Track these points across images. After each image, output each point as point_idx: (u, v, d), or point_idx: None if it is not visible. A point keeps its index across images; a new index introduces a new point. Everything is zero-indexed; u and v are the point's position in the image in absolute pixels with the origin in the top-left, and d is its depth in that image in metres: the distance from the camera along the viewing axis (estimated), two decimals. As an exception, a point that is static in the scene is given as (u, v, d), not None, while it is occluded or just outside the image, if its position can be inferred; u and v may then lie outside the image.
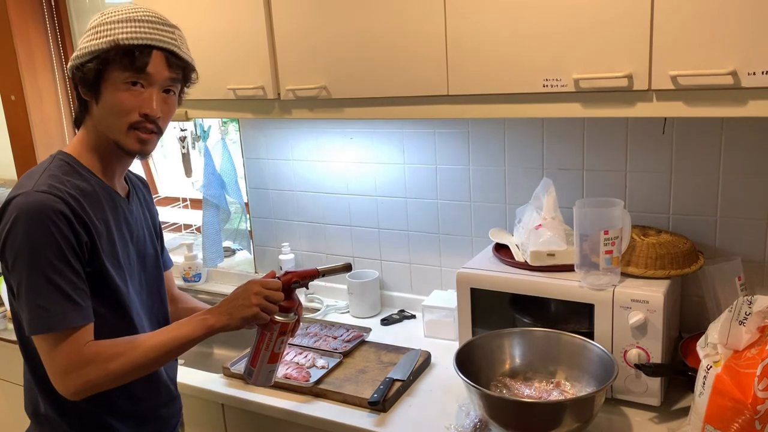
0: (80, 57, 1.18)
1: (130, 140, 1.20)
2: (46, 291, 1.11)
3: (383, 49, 1.52)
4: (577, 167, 1.74)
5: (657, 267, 1.45)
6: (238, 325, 1.25)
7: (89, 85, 1.19)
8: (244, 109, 1.80)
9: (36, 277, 1.11)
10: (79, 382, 1.13)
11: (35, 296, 1.11)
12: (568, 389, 1.44)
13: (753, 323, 1.19)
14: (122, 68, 1.16)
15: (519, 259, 1.61)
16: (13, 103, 2.83)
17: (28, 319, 1.13)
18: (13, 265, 1.13)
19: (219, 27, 1.74)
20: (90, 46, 1.17)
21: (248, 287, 1.27)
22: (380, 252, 2.13)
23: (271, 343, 1.34)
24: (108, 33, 1.16)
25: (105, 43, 1.16)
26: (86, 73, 1.17)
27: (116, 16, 1.18)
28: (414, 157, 1.98)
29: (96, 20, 1.20)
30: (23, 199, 1.13)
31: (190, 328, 1.23)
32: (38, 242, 1.11)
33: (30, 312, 1.12)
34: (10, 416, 2.24)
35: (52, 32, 2.83)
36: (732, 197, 1.57)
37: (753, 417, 1.14)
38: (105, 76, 1.17)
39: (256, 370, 1.37)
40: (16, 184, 1.20)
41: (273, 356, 1.36)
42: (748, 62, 1.16)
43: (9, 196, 1.15)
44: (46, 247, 1.11)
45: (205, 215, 2.31)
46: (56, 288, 1.12)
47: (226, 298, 1.29)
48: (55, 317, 1.12)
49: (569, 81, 1.32)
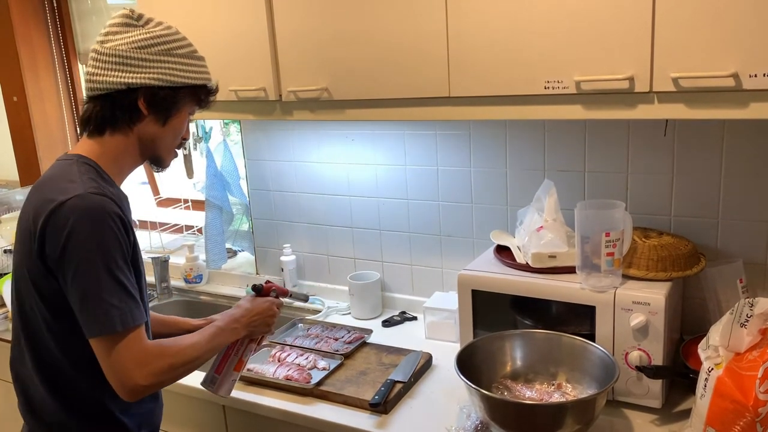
0: (157, 80, 1.23)
1: (171, 157, 1.36)
2: (116, 290, 1.15)
3: (385, 51, 1.52)
4: (578, 169, 1.74)
5: (658, 269, 1.45)
6: (247, 336, 1.42)
7: (165, 109, 1.26)
8: (246, 110, 1.80)
9: (106, 277, 1.14)
10: (149, 376, 1.16)
11: (107, 295, 1.14)
12: (570, 391, 1.44)
13: (754, 325, 1.19)
14: (195, 102, 1.32)
15: (520, 260, 1.61)
16: (15, 104, 2.84)
17: (99, 318, 1.13)
18: (77, 267, 1.13)
19: (220, 28, 1.75)
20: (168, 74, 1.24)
21: (269, 310, 1.44)
22: (381, 253, 2.13)
23: (242, 349, 1.42)
24: (194, 71, 1.28)
25: (191, 80, 1.27)
26: (165, 98, 1.25)
27: (185, 48, 1.27)
28: (415, 159, 1.98)
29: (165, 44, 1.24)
30: (79, 201, 1.15)
31: (226, 336, 1.36)
32: (104, 243, 1.14)
33: (100, 312, 1.13)
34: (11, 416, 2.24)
35: (54, 33, 2.84)
36: (733, 199, 1.57)
37: (754, 419, 1.14)
38: (180, 105, 1.29)
39: (221, 378, 1.41)
40: (49, 189, 1.19)
41: (239, 363, 1.43)
42: (750, 64, 1.16)
43: (58, 200, 1.15)
44: (110, 248, 1.15)
45: (207, 216, 2.31)
46: (123, 287, 1.16)
47: (244, 310, 1.41)
48: (126, 315, 1.15)
49: (571, 83, 1.33)
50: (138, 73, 1.22)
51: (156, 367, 1.17)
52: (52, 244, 1.15)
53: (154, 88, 1.23)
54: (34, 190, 1.26)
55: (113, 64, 1.22)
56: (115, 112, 1.24)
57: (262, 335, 1.47)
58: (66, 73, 2.90)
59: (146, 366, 1.16)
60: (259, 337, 1.46)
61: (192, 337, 1.28)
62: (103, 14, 2.67)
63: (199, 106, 1.34)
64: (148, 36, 1.23)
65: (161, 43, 1.24)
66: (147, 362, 1.16)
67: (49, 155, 2.89)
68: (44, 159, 2.88)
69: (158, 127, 1.28)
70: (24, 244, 1.23)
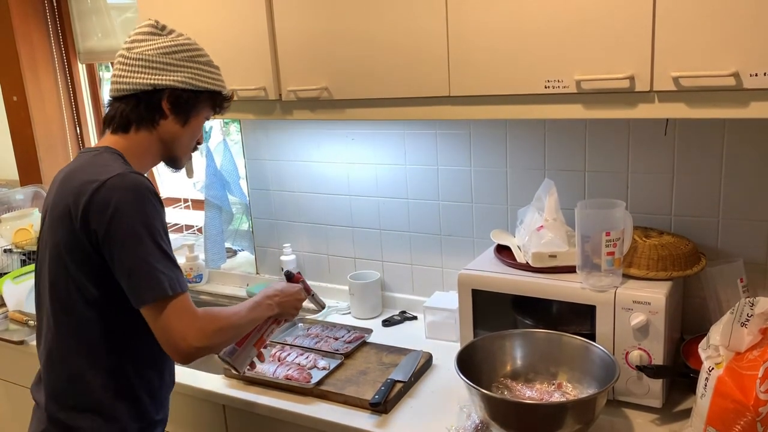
0: (181, 82, 1.33)
1: (186, 158, 1.45)
2: (162, 259, 1.22)
3: (385, 51, 1.52)
4: (578, 168, 1.74)
5: (659, 268, 1.45)
6: (276, 316, 1.49)
7: (185, 111, 1.36)
8: (246, 110, 1.80)
9: (152, 247, 1.21)
10: (202, 338, 1.22)
11: (155, 263, 1.20)
12: (570, 391, 1.44)
13: (755, 325, 1.19)
14: (212, 107, 1.43)
15: (520, 260, 1.61)
16: (15, 103, 2.84)
17: (151, 284, 1.20)
18: (124, 241, 1.20)
19: (220, 28, 1.74)
20: (191, 78, 1.34)
21: (298, 294, 1.53)
22: (381, 253, 2.12)
23: (264, 327, 1.49)
24: (213, 78, 1.39)
25: (211, 86, 1.38)
26: (187, 100, 1.35)
27: (205, 57, 1.38)
28: (415, 158, 1.98)
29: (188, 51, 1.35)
30: (120, 179, 1.22)
31: (262, 310, 1.43)
32: (149, 216, 1.22)
33: (150, 279, 1.20)
34: (10, 415, 2.24)
35: (54, 33, 2.84)
36: (734, 199, 1.57)
37: (755, 419, 1.14)
38: (199, 108, 1.39)
39: (240, 350, 1.45)
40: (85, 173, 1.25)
41: (260, 341, 1.49)
42: (750, 63, 1.16)
43: (100, 180, 1.22)
44: (155, 220, 1.23)
45: (207, 216, 2.31)
46: (168, 256, 1.24)
47: (278, 289, 1.49)
48: (174, 281, 1.22)
49: (571, 82, 1.32)
50: (163, 75, 1.32)
51: (207, 329, 1.24)
52: (98, 221, 1.20)
53: (177, 90, 1.33)
54: (65, 179, 1.31)
55: (140, 67, 1.31)
56: (140, 111, 1.33)
57: (285, 319, 1.54)
58: (66, 73, 2.90)
59: (198, 328, 1.23)
60: (282, 320, 1.53)
61: (233, 307, 1.38)
62: (103, 14, 2.67)
63: (215, 112, 1.45)
64: (172, 43, 1.34)
65: (185, 51, 1.34)
66: (198, 324, 1.23)
67: (49, 155, 2.89)
68: (44, 158, 2.88)
69: (179, 127, 1.37)
70: (61, 227, 1.27)
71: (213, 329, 1.26)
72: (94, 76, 2.92)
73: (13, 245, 2.50)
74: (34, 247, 2.51)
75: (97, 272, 1.25)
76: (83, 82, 2.92)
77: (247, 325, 1.38)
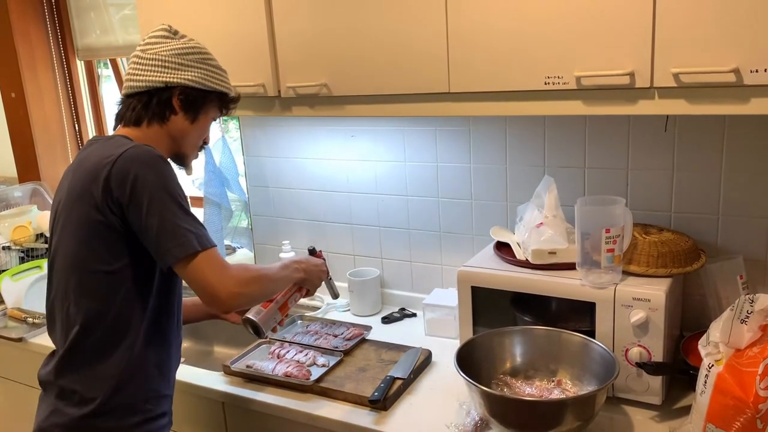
0: (192, 81, 1.40)
1: (193, 156, 1.51)
2: (187, 218, 1.27)
3: (384, 47, 1.52)
4: (578, 165, 1.73)
5: (658, 265, 1.45)
6: (301, 282, 1.53)
7: (194, 108, 1.43)
8: (245, 106, 1.79)
9: (175, 208, 1.26)
10: (238, 284, 1.28)
11: (181, 222, 1.26)
12: (570, 388, 1.44)
13: (755, 322, 1.19)
14: (219, 108, 1.49)
15: (520, 257, 1.61)
16: (13, 100, 2.83)
17: (179, 241, 1.25)
18: (149, 205, 1.25)
19: (219, 24, 1.74)
20: (201, 78, 1.41)
21: (322, 266, 1.60)
22: (381, 250, 2.12)
23: (289, 294, 1.53)
24: (222, 80, 1.46)
25: (219, 87, 1.45)
26: (196, 98, 1.42)
27: (214, 61, 1.46)
28: (415, 155, 1.97)
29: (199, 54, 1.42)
30: (136, 149, 1.28)
31: (290, 272, 1.49)
32: (169, 180, 1.28)
33: (178, 237, 1.25)
34: (10, 413, 2.24)
35: (52, 29, 2.83)
36: (734, 195, 1.57)
37: (755, 416, 1.14)
38: (208, 107, 1.45)
39: (266, 311, 1.49)
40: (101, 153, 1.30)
41: (284, 306, 1.52)
42: (751, 59, 1.15)
43: (117, 153, 1.27)
44: (175, 184, 1.29)
45: (206, 213, 2.30)
46: (191, 216, 1.29)
47: (303, 258, 1.56)
48: (201, 237, 1.28)
49: (571, 78, 1.32)
50: (176, 73, 1.38)
51: (243, 276, 1.30)
52: (120, 190, 1.26)
53: (188, 88, 1.40)
54: (79, 164, 1.35)
55: (154, 66, 1.38)
56: (152, 106, 1.39)
57: (308, 289, 1.57)
58: (64, 70, 2.89)
59: (233, 276, 1.28)
60: (305, 289, 1.57)
61: (277, 268, 1.45)
62: (101, 10, 2.66)
63: (221, 113, 1.51)
64: (185, 46, 1.41)
65: (196, 53, 1.42)
66: (233, 273, 1.29)
67: (48, 152, 2.89)
68: (42, 155, 2.87)
69: (188, 124, 1.43)
70: (81, 205, 1.30)
71: (248, 277, 1.32)
72: (92, 72, 2.91)
73: (11, 242, 2.50)
74: (32, 245, 2.51)
75: (116, 245, 1.30)
76: (82, 78, 2.91)
77: (278, 282, 1.44)
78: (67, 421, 1.32)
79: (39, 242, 2.53)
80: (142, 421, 1.35)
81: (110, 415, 1.32)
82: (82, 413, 1.32)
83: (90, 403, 1.32)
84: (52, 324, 1.41)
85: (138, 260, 1.31)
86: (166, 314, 1.40)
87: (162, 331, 1.39)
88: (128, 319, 1.33)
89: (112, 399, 1.32)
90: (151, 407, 1.37)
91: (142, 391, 1.36)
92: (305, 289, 1.56)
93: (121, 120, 1.42)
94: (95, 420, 1.32)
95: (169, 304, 1.41)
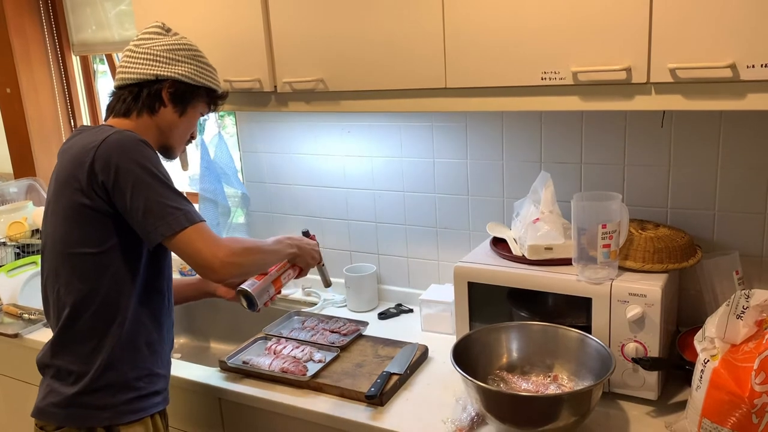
0: (181, 75, 1.43)
1: (180, 148, 1.53)
2: (174, 196, 1.30)
3: (381, 42, 1.51)
4: (575, 161, 1.73)
5: (655, 261, 1.45)
6: (293, 258, 1.55)
7: (183, 102, 1.46)
8: (241, 102, 1.79)
9: (161, 188, 1.29)
10: (229, 254, 1.29)
11: (167, 201, 1.28)
12: (566, 383, 1.44)
13: (750, 317, 1.19)
14: (207, 104, 1.53)
15: (517, 252, 1.61)
16: (8, 96, 2.82)
17: (166, 219, 1.27)
18: (134, 186, 1.27)
19: (215, 18, 1.73)
20: (191, 73, 1.45)
21: (316, 246, 1.63)
22: (377, 246, 2.12)
23: (282, 270, 1.55)
24: (211, 76, 1.50)
25: (208, 83, 1.49)
26: (185, 92, 1.46)
27: (205, 59, 1.50)
28: (412, 151, 1.97)
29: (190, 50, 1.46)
30: (119, 136, 1.31)
31: (284, 246, 1.51)
32: (151, 161, 1.30)
33: (164, 215, 1.27)
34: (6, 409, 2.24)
35: (47, 24, 2.82)
36: (730, 191, 1.57)
37: (750, 411, 1.14)
38: (196, 102, 1.49)
39: (260, 284, 1.51)
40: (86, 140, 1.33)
41: (276, 281, 1.54)
42: (747, 55, 1.15)
43: (100, 139, 1.30)
44: (157, 164, 1.31)
45: (201, 210, 2.29)
46: (178, 193, 1.31)
47: (298, 238, 1.57)
48: (189, 214, 1.30)
49: (568, 74, 1.32)
50: (166, 67, 1.42)
51: (234, 246, 1.32)
52: (105, 174, 1.28)
53: (177, 82, 1.44)
54: (65, 151, 1.40)
55: (146, 60, 1.42)
56: (142, 98, 1.43)
57: (301, 268, 1.60)
58: (59, 65, 2.88)
59: (225, 245, 1.30)
60: (299, 268, 1.59)
61: (269, 242, 1.48)
62: (97, 6, 2.65)
63: (209, 109, 1.55)
64: (177, 42, 1.46)
65: (187, 49, 1.46)
66: (224, 243, 1.31)
67: (43, 147, 2.88)
68: (38, 151, 2.86)
69: (176, 117, 1.46)
70: (67, 190, 1.33)
71: (240, 247, 1.34)
72: (88, 68, 2.90)
73: (6, 238, 2.49)
74: (27, 240, 2.50)
75: (104, 228, 1.32)
76: (77, 74, 2.90)
77: (270, 254, 1.46)
78: (62, 399, 1.36)
79: (34, 238, 2.52)
80: (134, 398, 1.39)
81: (103, 392, 1.36)
82: (74, 391, 1.35)
83: (82, 381, 1.35)
84: (47, 308, 1.44)
85: (125, 242, 1.34)
86: (155, 294, 1.43)
87: (152, 310, 1.42)
88: (117, 299, 1.36)
89: (103, 377, 1.35)
90: (143, 385, 1.40)
91: (134, 369, 1.39)
92: (298, 267, 1.59)
93: (112, 111, 1.46)
94: (88, 397, 1.36)
95: (158, 284, 1.44)
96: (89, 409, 1.35)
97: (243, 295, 1.50)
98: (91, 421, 1.36)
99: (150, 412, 1.42)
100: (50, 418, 1.38)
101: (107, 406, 1.36)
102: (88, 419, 1.36)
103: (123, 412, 1.37)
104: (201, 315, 2.26)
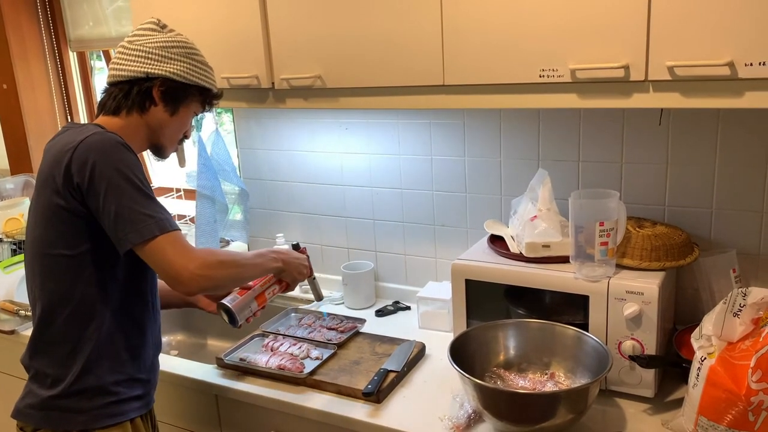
0: (173, 74, 1.39)
1: (172, 148, 1.49)
2: (148, 203, 1.26)
3: (379, 39, 1.51)
4: (572, 158, 1.73)
5: (652, 259, 1.45)
6: (278, 273, 1.51)
7: (175, 101, 1.42)
8: (238, 98, 1.78)
9: (135, 193, 1.25)
10: (201, 266, 1.25)
11: (140, 207, 1.24)
12: (563, 381, 1.44)
13: (747, 315, 1.19)
14: (201, 103, 1.49)
15: (514, 250, 1.61)
16: (4, 91, 2.81)
17: (137, 227, 1.23)
18: (107, 189, 1.24)
19: (213, 15, 1.73)
20: (183, 72, 1.41)
21: (304, 261, 1.57)
22: (375, 243, 2.12)
23: (267, 285, 1.51)
24: (205, 75, 1.46)
25: (202, 81, 1.44)
26: (177, 90, 1.41)
27: (200, 56, 1.46)
28: (409, 148, 1.97)
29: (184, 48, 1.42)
30: (97, 136, 1.28)
31: (267, 260, 1.46)
32: (127, 165, 1.26)
33: (136, 222, 1.23)
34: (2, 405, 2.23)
35: (44, 20, 2.81)
36: (728, 189, 1.57)
37: (746, 408, 1.14)
38: (189, 101, 1.45)
39: (241, 299, 1.48)
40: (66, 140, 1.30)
41: (260, 296, 1.50)
42: (745, 53, 1.15)
43: (78, 140, 1.27)
44: (135, 169, 1.27)
45: (198, 207, 2.29)
46: (153, 200, 1.28)
47: (284, 250, 1.54)
48: (162, 222, 1.25)
49: (566, 71, 1.32)
50: (158, 65, 1.39)
51: (208, 259, 1.27)
52: (80, 175, 1.25)
53: (169, 80, 1.40)
54: (47, 150, 1.37)
55: (138, 57, 1.39)
56: (132, 96, 1.39)
57: (287, 283, 1.55)
58: (56, 61, 2.87)
59: (198, 257, 1.26)
60: (285, 283, 1.54)
61: (251, 255, 1.44)
62: (94, 2, 2.64)
63: (203, 108, 1.51)
64: (171, 39, 1.41)
65: (182, 47, 1.42)
66: (197, 254, 1.26)
67: (40, 144, 2.86)
68: (34, 147, 2.86)
69: (167, 116, 1.42)
70: (46, 189, 1.31)
71: (214, 260, 1.29)
72: (85, 64, 2.89)
73: (3, 234, 2.49)
74: (24, 237, 2.49)
75: (78, 230, 1.29)
76: (74, 70, 2.89)
77: (249, 268, 1.40)
78: (38, 402, 1.35)
79: (31, 235, 2.51)
80: (112, 402, 1.36)
81: (80, 396, 1.34)
82: (51, 394, 1.34)
83: (59, 385, 1.34)
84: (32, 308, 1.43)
85: (101, 245, 1.31)
86: (136, 298, 1.40)
87: (132, 315, 1.40)
88: (93, 303, 1.33)
89: (80, 381, 1.33)
90: (123, 390, 1.38)
91: (113, 374, 1.36)
92: (285, 282, 1.54)
93: (103, 108, 1.43)
94: (65, 400, 1.34)
95: (141, 289, 1.41)
96: (65, 412, 1.34)
97: (224, 310, 1.47)
98: (66, 425, 1.34)
99: (129, 416, 1.39)
100: (27, 419, 1.37)
101: (83, 410, 1.34)
102: (63, 422, 1.34)
103: (99, 416, 1.35)
104: (198, 312, 2.24)
